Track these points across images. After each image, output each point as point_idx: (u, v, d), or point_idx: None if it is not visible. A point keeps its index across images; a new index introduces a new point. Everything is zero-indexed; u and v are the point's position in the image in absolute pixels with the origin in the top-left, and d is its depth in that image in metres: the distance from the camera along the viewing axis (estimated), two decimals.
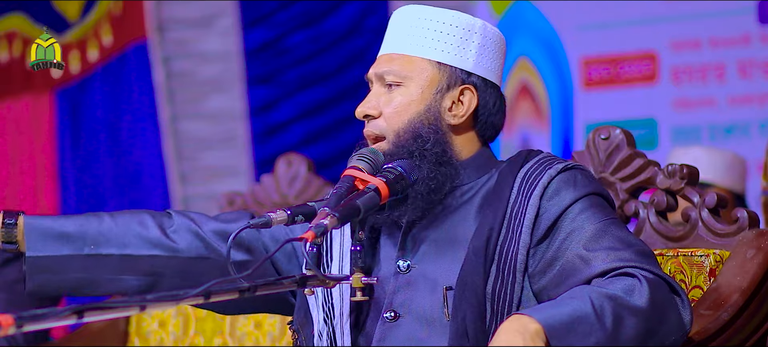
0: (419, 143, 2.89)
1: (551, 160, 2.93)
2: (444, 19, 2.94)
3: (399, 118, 2.92)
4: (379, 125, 2.94)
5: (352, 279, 2.74)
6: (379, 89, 2.96)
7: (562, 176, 2.88)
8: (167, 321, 4.05)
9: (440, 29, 2.93)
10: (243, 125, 6.82)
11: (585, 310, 2.63)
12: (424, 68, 2.93)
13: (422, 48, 2.93)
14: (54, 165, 7.02)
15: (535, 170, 2.89)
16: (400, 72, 2.93)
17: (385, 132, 2.93)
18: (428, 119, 2.91)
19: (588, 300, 2.65)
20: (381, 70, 2.95)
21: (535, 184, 2.86)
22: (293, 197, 4.07)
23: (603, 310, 2.63)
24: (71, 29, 6.94)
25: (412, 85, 2.93)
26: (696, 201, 3.24)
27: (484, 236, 2.83)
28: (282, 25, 6.77)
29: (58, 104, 7.00)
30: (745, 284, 3.00)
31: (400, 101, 2.92)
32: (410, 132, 2.90)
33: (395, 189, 2.82)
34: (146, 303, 2.47)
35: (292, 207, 2.79)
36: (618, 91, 6.30)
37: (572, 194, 2.85)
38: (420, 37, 2.93)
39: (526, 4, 6.46)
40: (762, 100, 6.11)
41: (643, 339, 2.68)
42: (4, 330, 2.19)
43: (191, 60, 6.86)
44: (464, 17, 2.97)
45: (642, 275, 2.72)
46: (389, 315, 2.86)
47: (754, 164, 5.70)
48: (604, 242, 2.80)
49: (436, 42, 2.93)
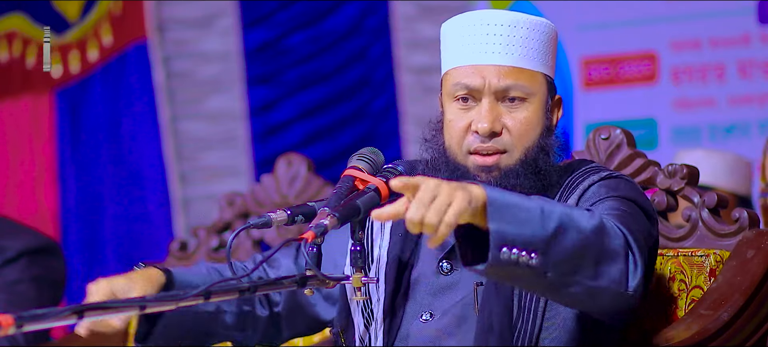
0: (548, 160, 2.88)
1: (597, 168, 2.93)
2: (546, 31, 2.91)
3: (527, 135, 2.87)
4: (503, 142, 2.86)
5: (352, 279, 2.75)
6: (494, 104, 2.87)
7: (604, 182, 2.88)
8: None
9: (545, 40, 2.90)
10: (243, 125, 6.82)
11: (530, 204, 2.55)
12: (541, 83, 2.90)
13: (538, 63, 2.89)
14: (54, 165, 7.01)
15: (578, 177, 2.90)
16: (526, 88, 2.87)
17: (511, 148, 2.86)
18: (548, 133, 2.90)
19: (538, 200, 2.59)
20: (504, 84, 2.86)
21: (575, 188, 2.87)
22: (293, 197, 4.07)
23: (549, 214, 2.55)
24: (71, 29, 6.93)
25: (535, 100, 2.88)
26: (696, 201, 3.24)
27: None
28: (282, 25, 6.77)
29: (58, 104, 7.00)
30: (746, 284, 3.00)
31: (528, 118, 2.87)
32: (538, 148, 2.87)
33: None
34: (146, 303, 2.47)
35: (292, 207, 2.80)
36: (618, 91, 6.30)
37: (608, 194, 2.83)
38: (535, 50, 2.88)
39: (526, 3, 6.46)
40: (762, 100, 6.11)
41: (576, 260, 2.58)
42: (4, 330, 2.19)
43: (191, 60, 6.86)
44: (550, 26, 2.93)
45: (603, 217, 2.66)
46: (426, 317, 2.86)
47: (753, 164, 5.70)
48: (611, 210, 2.76)
49: (544, 54, 2.90)
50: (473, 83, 2.86)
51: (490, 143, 2.85)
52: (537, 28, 2.89)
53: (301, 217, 2.77)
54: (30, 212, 6.89)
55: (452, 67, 2.93)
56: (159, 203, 6.84)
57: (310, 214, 2.76)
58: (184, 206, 6.82)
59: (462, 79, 2.88)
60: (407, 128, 6.56)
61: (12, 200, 6.98)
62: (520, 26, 2.87)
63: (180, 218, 6.80)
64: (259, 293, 2.61)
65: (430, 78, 6.55)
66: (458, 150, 2.88)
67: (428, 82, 6.54)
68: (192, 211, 6.82)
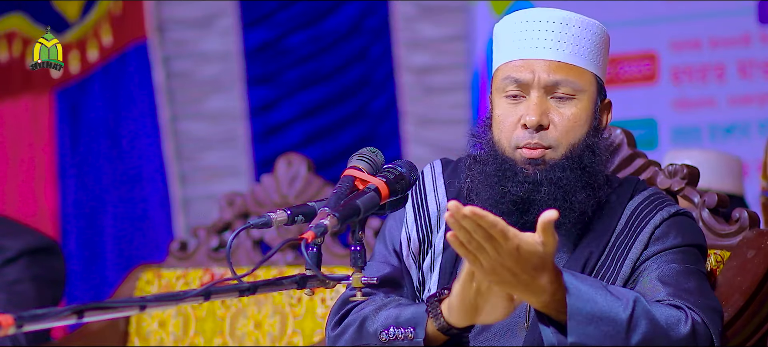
0: (595, 160, 2.86)
1: (662, 199, 2.92)
2: (598, 32, 2.91)
3: (575, 132, 2.86)
4: (549, 137, 2.85)
5: (352, 279, 2.74)
6: (543, 98, 2.86)
7: (673, 221, 2.87)
8: (167, 321, 4.05)
9: (597, 41, 2.90)
10: (243, 125, 6.82)
11: (619, 315, 2.59)
12: (591, 82, 2.89)
13: (589, 61, 2.89)
14: (54, 165, 7.02)
15: (646, 207, 2.89)
16: (576, 84, 2.86)
17: (557, 144, 2.85)
18: (596, 134, 2.89)
19: (630, 306, 2.61)
20: (554, 80, 2.86)
21: (647, 222, 2.86)
22: (293, 197, 4.07)
23: (636, 325, 2.60)
24: (71, 29, 6.93)
25: (584, 98, 2.88)
26: (696, 201, 3.24)
27: (582, 258, 2.83)
28: (282, 25, 6.77)
29: (57, 104, 7.00)
30: (746, 284, 3.00)
31: (576, 115, 2.86)
32: (585, 147, 2.85)
33: (395, 189, 2.81)
34: (146, 303, 2.47)
35: (292, 207, 2.79)
36: (618, 91, 6.30)
37: (675, 241, 2.84)
38: (586, 49, 2.88)
39: (526, 3, 6.46)
40: (762, 100, 6.11)
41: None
42: (4, 330, 2.19)
43: (191, 60, 6.86)
44: (602, 28, 2.94)
45: (692, 317, 2.69)
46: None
47: (754, 164, 5.70)
48: (680, 281, 2.78)
49: (596, 54, 2.90)
50: (523, 77, 2.87)
51: (537, 139, 2.85)
52: (589, 27, 2.90)
53: (301, 217, 2.76)
54: (30, 212, 6.90)
55: (503, 62, 2.93)
56: (159, 203, 6.84)
57: (310, 214, 2.75)
58: (184, 206, 6.82)
59: (512, 73, 2.88)
60: (407, 128, 6.56)
61: (12, 200, 6.99)
62: (572, 24, 2.88)
63: (180, 218, 6.80)
64: (259, 293, 2.61)
65: (430, 78, 6.55)
66: (507, 145, 2.88)
67: (428, 82, 6.54)
68: (192, 211, 6.82)
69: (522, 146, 2.86)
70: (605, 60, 2.95)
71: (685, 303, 2.71)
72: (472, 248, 2.47)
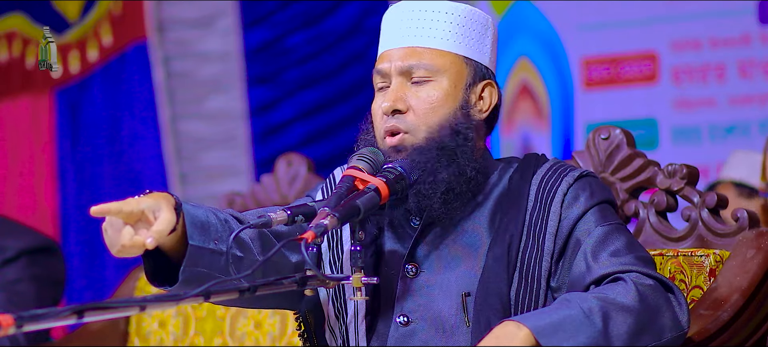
0: (459, 140, 2.88)
1: (564, 167, 2.95)
2: (464, 14, 2.93)
3: (433, 114, 2.89)
4: (407, 121, 2.89)
5: (352, 279, 2.74)
6: (402, 84, 2.91)
7: (579, 184, 2.91)
8: (167, 321, 4.05)
9: (462, 23, 2.93)
10: (243, 125, 6.82)
11: (571, 312, 2.66)
12: (453, 62, 2.92)
13: (448, 42, 2.91)
14: (54, 165, 7.02)
15: (551, 178, 2.91)
16: (431, 66, 2.90)
17: (414, 128, 2.88)
18: (463, 114, 2.90)
19: (575, 303, 2.68)
20: (408, 64, 2.91)
21: (554, 192, 2.89)
22: (293, 197, 4.07)
23: (591, 310, 2.66)
24: (71, 29, 6.93)
25: (444, 79, 2.91)
26: (696, 201, 3.24)
27: (505, 243, 2.85)
28: (282, 25, 6.77)
29: (57, 104, 7.00)
30: (745, 284, 3.00)
31: (433, 96, 2.89)
32: (447, 128, 2.88)
33: (395, 189, 2.82)
34: (146, 303, 2.47)
35: (292, 207, 2.79)
36: (618, 91, 6.30)
37: (588, 202, 2.88)
38: (444, 31, 2.92)
39: (526, 3, 6.46)
40: (762, 100, 6.11)
41: (635, 335, 2.69)
42: (4, 330, 2.19)
43: (191, 60, 6.86)
44: (480, 12, 2.97)
45: (631, 278, 2.76)
46: (402, 320, 2.87)
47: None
48: (608, 247, 2.83)
49: (460, 36, 2.92)
50: (383, 68, 2.94)
51: (394, 122, 2.89)
52: (452, 11, 2.93)
53: (301, 217, 2.77)
54: (30, 212, 6.90)
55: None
56: None
57: (310, 214, 2.75)
58: None
59: (377, 66, 2.96)
60: None
61: (12, 200, 6.99)
62: (429, 10, 2.92)
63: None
64: (259, 293, 2.61)
65: None
66: (379, 136, 2.93)
67: None
68: None
69: (386, 134, 2.90)
70: (482, 42, 2.95)
71: (622, 267, 2.78)
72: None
